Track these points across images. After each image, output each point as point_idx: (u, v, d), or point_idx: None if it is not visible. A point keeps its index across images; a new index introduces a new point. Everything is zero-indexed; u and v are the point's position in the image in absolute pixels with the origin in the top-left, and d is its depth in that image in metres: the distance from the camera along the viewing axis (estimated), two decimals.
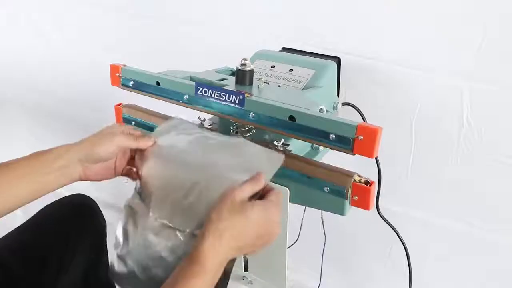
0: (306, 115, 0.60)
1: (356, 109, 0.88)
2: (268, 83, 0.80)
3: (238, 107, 0.65)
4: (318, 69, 0.81)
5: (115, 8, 1.25)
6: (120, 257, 0.68)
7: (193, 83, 0.69)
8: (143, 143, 0.65)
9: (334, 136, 0.58)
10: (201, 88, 0.67)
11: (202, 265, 0.50)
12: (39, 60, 1.53)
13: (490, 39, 0.77)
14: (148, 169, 0.65)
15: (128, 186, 0.72)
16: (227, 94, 0.65)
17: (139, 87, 0.77)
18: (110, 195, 1.52)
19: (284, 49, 0.95)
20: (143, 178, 0.66)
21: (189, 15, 1.12)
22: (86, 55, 1.40)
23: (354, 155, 0.58)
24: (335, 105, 0.84)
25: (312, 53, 0.91)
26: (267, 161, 0.61)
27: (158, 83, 0.74)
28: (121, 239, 0.68)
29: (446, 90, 0.84)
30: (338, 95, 0.89)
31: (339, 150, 0.59)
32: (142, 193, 0.67)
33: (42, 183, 0.60)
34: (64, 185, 0.63)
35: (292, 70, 0.82)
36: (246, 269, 0.85)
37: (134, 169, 0.68)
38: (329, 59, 0.86)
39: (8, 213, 0.59)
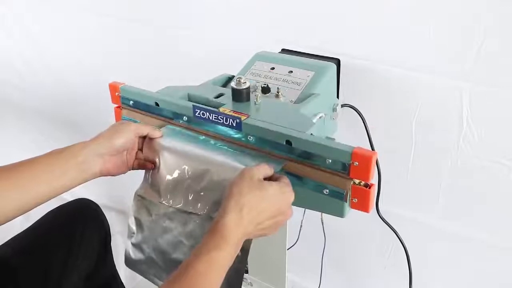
0: (302, 140, 0.61)
1: (356, 110, 0.88)
2: (267, 85, 0.80)
3: (236, 129, 0.66)
4: (318, 70, 0.81)
5: (114, 13, 1.25)
6: (135, 245, 0.70)
7: (191, 105, 0.69)
8: (154, 132, 0.69)
9: (330, 161, 0.59)
10: (198, 111, 0.68)
11: (224, 238, 0.51)
12: (38, 63, 1.53)
13: (490, 40, 0.77)
14: (159, 159, 0.68)
15: (125, 188, 0.72)
16: (224, 117, 0.66)
17: (139, 106, 0.78)
18: (107, 198, 1.52)
19: (284, 51, 0.95)
20: (156, 168, 0.69)
21: (189, 17, 1.12)
22: (86, 58, 1.40)
23: (351, 179, 0.59)
24: (335, 107, 0.84)
25: (311, 54, 0.91)
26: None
27: (157, 104, 0.75)
28: (134, 228, 0.70)
29: (446, 91, 0.83)
30: (338, 97, 0.89)
31: (335, 174, 0.60)
32: (152, 182, 0.69)
33: (62, 180, 0.61)
34: (85, 181, 0.64)
35: (291, 71, 0.82)
36: (246, 271, 0.85)
37: (146, 160, 0.70)
38: (328, 61, 0.86)
39: (27, 211, 0.60)
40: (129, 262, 0.71)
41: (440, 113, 0.86)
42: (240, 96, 0.72)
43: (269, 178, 0.59)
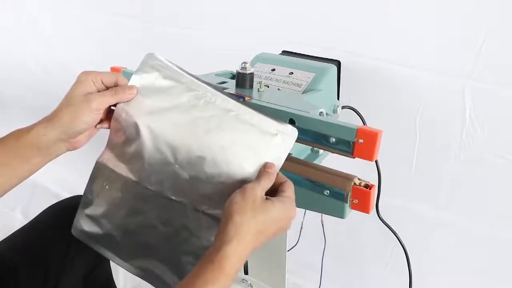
0: (306, 118, 0.60)
1: (356, 112, 0.88)
2: (268, 87, 0.80)
3: None
4: (318, 72, 0.81)
5: (116, 11, 1.25)
6: (91, 217, 0.64)
7: None
8: (124, 95, 0.61)
9: (334, 140, 0.58)
10: None
11: (223, 270, 0.48)
12: (39, 62, 1.54)
13: (490, 39, 0.77)
14: (139, 128, 0.59)
15: None
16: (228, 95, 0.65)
17: None
18: None
19: (284, 52, 0.95)
20: (130, 136, 0.60)
21: (189, 19, 1.12)
22: (87, 58, 1.40)
23: (354, 158, 0.58)
24: (335, 108, 0.84)
25: (312, 56, 0.91)
26: (279, 143, 0.58)
27: None
28: (92, 198, 0.64)
29: (449, 89, 0.84)
30: (338, 98, 0.89)
31: (339, 154, 0.59)
32: (123, 153, 0.61)
33: (27, 166, 0.59)
34: (50, 160, 0.61)
35: (292, 73, 0.82)
36: (246, 272, 0.84)
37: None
38: (329, 62, 0.86)
39: None
40: (78, 232, 0.65)
41: (443, 110, 0.86)
42: (244, 81, 0.71)
43: (271, 186, 0.56)
